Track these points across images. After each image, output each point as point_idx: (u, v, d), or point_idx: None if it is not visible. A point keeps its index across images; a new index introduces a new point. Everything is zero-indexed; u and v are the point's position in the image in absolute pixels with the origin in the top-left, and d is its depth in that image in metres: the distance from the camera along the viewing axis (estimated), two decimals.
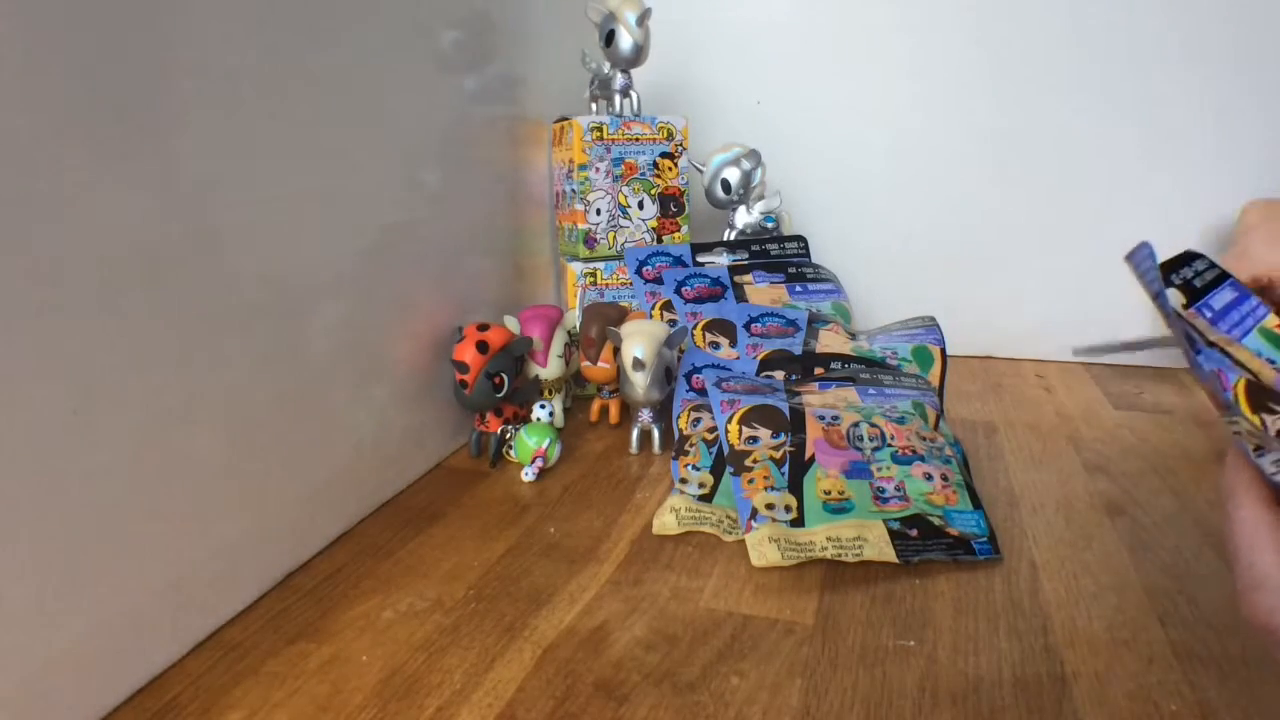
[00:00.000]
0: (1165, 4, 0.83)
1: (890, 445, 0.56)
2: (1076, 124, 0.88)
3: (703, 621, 0.44)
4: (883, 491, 0.53)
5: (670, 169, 0.80)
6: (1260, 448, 0.25)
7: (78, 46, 0.35)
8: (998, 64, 0.89)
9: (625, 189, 0.79)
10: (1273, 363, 0.26)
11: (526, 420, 0.67)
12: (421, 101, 0.62)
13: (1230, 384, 0.25)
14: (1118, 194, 0.88)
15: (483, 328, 0.63)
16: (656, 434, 0.67)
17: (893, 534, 0.50)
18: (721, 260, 0.82)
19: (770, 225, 0.86)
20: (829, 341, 0.72)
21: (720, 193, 0.84)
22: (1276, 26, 0.80)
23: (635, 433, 0.67)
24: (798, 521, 0.52)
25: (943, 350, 0.71)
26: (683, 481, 0.58)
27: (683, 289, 0.77)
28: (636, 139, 0.79)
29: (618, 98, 0.80)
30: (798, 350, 0.71)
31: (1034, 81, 0.88)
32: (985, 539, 0.51)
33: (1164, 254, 0.31)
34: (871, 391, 0.64)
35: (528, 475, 0.62)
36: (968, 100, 0.91)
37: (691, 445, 0.61)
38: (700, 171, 0.85)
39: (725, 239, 0.85)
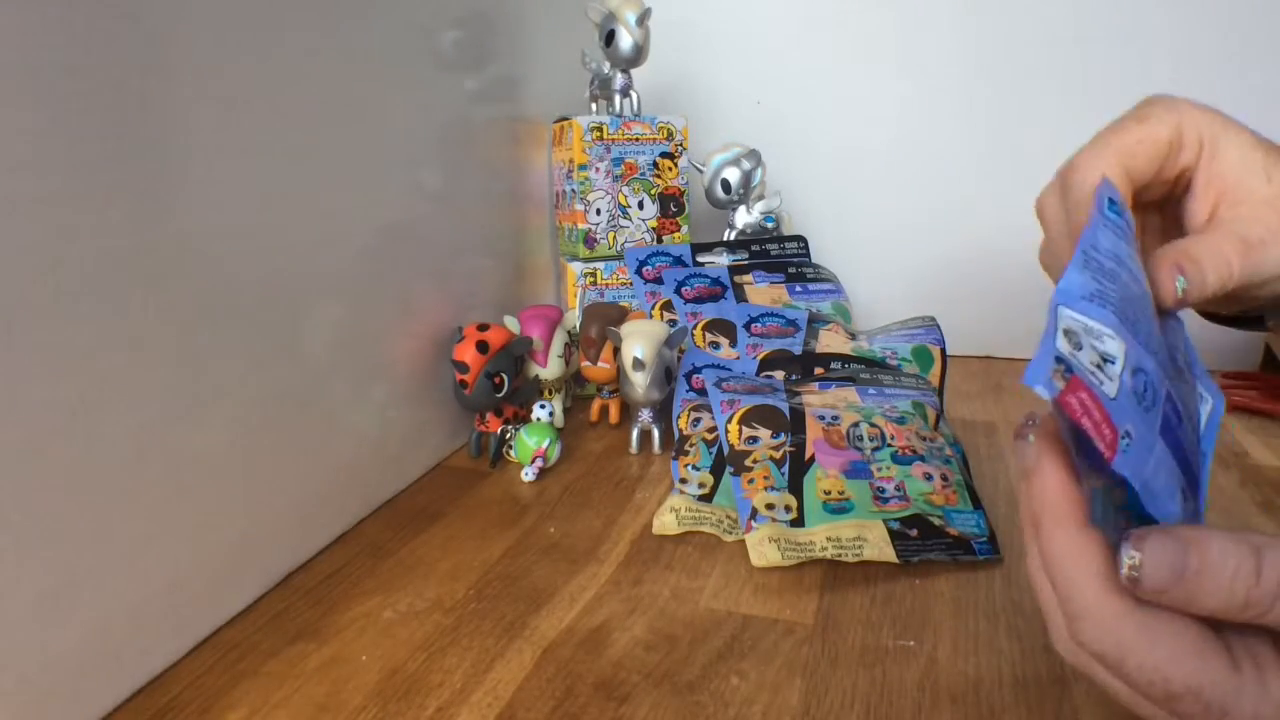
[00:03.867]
0: (1165, 2, 0.83)
1: (890, 445, 0.56)
2: (1078, 124, 0.87)
3: (703, 621, 0.44)
4: (883, 491, 0.53)
5: (670, 169, 0.80)
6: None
7: (76, 46, 0.35)
8: (998, 63, 0.89)
9: (625, 189, 0.79)
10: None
11: (526, 420, 0.67)
12: (421, 101, 0.62)
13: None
14: None
15: (483, 328, 0.63)
16: (656, 434, 0.67)
17: (893, 534, 0.50)
18: (721, 260, 0.82)
19: (770, 225, 0.86)
20: (829, 341, 0.72)
21: (720, 193, 0.84)
22: (1274, 27, 0.80)
23: (635, 433, 0.67)
24: (798, 521, 0.52)
25: (943, 350, 0.71)
26: (683, 481, 0.58)
27: (683, 289, 0.77)
28: (636, 139, 0.79)
29: (618, 98, 0.80)
30: (798, 350, 0.71)
31: (1035, 81, 0.88)
32: (985, 539, 0.51)
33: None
34: (871, 391, 0.64)
35: (528, 475, 0.62)
36: (968, 100, 0.91)
37: (691, 445, 0.61)
38: (700, 171, 0.84)
39: (725, 239, 0.85)
